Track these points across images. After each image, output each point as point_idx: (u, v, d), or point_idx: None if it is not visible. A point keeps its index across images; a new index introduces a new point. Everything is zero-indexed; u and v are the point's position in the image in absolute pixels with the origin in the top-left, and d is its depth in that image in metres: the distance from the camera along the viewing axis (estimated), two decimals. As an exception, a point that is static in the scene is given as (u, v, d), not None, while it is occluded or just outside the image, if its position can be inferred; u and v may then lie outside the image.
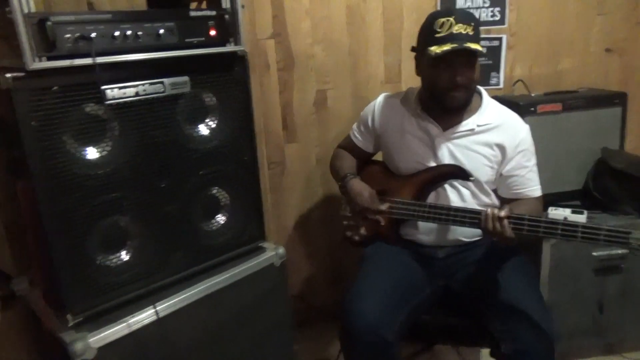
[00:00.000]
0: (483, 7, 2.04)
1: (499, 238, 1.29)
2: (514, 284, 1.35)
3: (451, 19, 1.34)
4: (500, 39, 2.08)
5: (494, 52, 2.10)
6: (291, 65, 1.96)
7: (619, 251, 1.78)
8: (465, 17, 1.36)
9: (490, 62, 2.11)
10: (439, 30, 1.35)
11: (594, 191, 1.89)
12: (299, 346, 2.04)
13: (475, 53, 1.34)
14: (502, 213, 1.27)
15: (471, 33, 1.34)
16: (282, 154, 2.06)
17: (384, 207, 1.52)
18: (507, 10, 2.05)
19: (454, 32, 1.33)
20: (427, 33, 1.39)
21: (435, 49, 1.33)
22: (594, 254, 1.80)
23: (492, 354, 1.33)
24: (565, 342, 1.88)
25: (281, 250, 1.58)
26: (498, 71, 2.12)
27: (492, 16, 2.05)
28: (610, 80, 2.19)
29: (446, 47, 1.31)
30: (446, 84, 1.38)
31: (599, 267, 1.81)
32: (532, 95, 2.00)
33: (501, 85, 2.13)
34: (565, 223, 1.22)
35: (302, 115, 2.03)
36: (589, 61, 2.16)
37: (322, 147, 2.06)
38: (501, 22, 2.07)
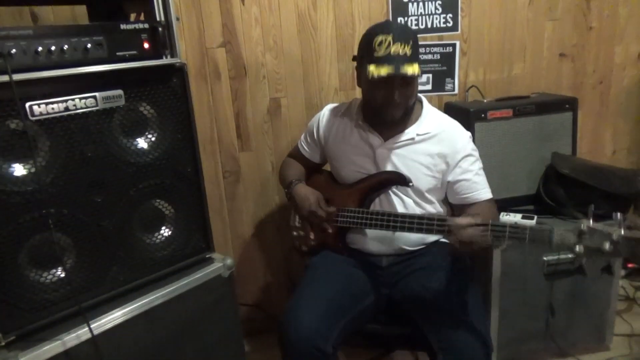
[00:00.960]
0: (435, 13, 2.05)
1: (470, 246, 1.24)
2: (453, 294, 1.36)
3: (389, 37, 1.33)
4: (453, 45, 2.10)
5: (448, 59, 2.11)
6: (242, 73, 1.96)
7: (569, 255, 1.81)
8: (403, 35, 1.34)
9: (444, 68, 2.12)
10: (377, 48, 1.35)
11: (544, 196, 1.91)
12: (254, 355, 2.04)
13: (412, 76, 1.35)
14: (464, 221, 1.24)
15: (409, 53, 1.34)
16: (237, 163, 2.05)
17: (331, 209, 1.52)
18: (459, 17, 2.06)
19: (392, 52, 1.33)
20: (366, 49, 1.39)
21: (373, 71, 1.33)
22: (544, 258, 1.82)
23: (430, 364, 1.34)
24: (517, 347, 1.90)
25: (229, 261, 1.57)
26: (453, 77, 2.14)
27: (444, 22, 2.07)
28: (563, 85, 2.22)
29: (383, 72, 1.32)
30: (383, 101, 1.40)
31: (548, 272, 1.83)
32: (485, 101, 2.02)
33: (456, 91, 2.14)
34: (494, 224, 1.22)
35: (255, 123, 2.03)
36: (542, 66, 2.18)
37: (276, 155, 2.06)
38: (454, 28, 2.08)
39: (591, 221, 1.08)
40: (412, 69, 1.33)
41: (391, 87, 1.37)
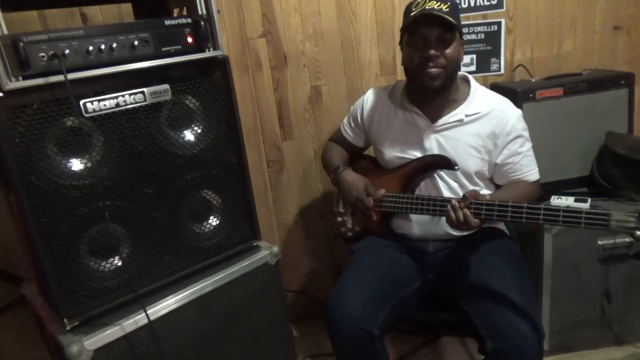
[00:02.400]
0: (479, -9, 1.98)
1: (465, 229, 1.29)
2: (501, 280, 1.33)
3: None
4: (498, 24, 2.02)
5: (493, 38, 2.04)
6: (283, 63, 1.96)
7: (626, 239, 1.73)
8: None
9: (489, 48, 2.05)
10: (413, 9, 1.35)
11: (598, 178, 1.83)
12: (302, 341, 2.08)
13: (448, 27, 1.32)
14: (463, 202, 1.26)
15: (445, 9, 1.32)
16: (280, 152, 2.07)
17: (380, 193, 1.50)
18: (504, -7, 1.98)
19: (427, 7, 1.32)
20: (404, 17, 1.39)
21: (406, 24, 1.34)
22: (599, 242, 1.75)
23: (479, 350, 1.32)
24: (570, 334, 1.84)
25: (275, 248, 1.60)
26: (498, 57, 2.06)
27: (488, 0, 1.99)
28: (618, 60, 2.10)
29: (413, 16, 1.32)
30: (419, 59, 1.36)
31: (604, 257, 1.76)
32: (533, 80, 1.94)
33: (502, 72, 2.07)
34: (530, 207, 1.20)
35: (297, 112, 2.04)
36: (594, 41, 2.07)
37: (318, 143, 2.06)
38: (499, 5, 2.01)
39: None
40: (446, 16, 1.30)
41: (427, 43, 1.34)
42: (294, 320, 2.13)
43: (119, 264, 1.32)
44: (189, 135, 1.40)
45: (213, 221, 1.50)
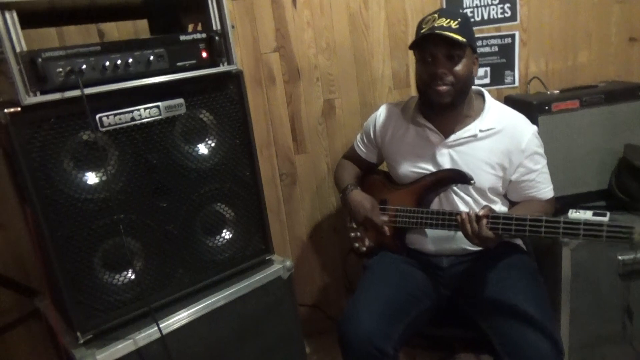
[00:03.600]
0: (492, 4, 1.98)
1: (479, 241, 1.27)
2: (518, 296, 1.30)
3: (435, 15, 1.35)
4: (512, 36, 2.01)
5: (507, 50, 2.03)
6: (296, 77, 1.98)
7: (647, 254, 1.69)
8: (451, 13, 1.35)
9: (503, 60, 2.04)
10: (424, 26, 1.36)
11: (617, 191, 1.79)
12: (314, 356, 2.05)
13: (455, 45, 1.31)
14: (481, 212, 1.24)
15: (454, 26, 1.31)
16: (293, 165, 2.07)
17: (385, 217, 1.51)
18: (517, 6, 1.98)
19: (436, 25, 1.32)
20: (416, 34, 1.39)
21: (414, 41, 1.34)
22: (620, 257, 1.71)
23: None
24: (589, 351, 1.79)
25: (288, 262, 1.59)
26: (512, 69, 2.05)
27: (502, 13, 1.99)
28: (634, 71, 2.07)
29: (421, 36, 1.32)
30: (428, 77, 1.36)
31: (625, 272, 1.72)
32: (549, 92, 1.92)
33: (516, 84, 2.05)
34: (549, 220, 1.18)
35: (310, 125, 2.04)
36: (610, 53, 2.05)
37: (331, 157, 2.06)
38: (512, 18, 2.00)
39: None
40: (453, 35, 1.29)
41: (435, 61, 1.34)
42: (307, 335, 2.10)
43: (132, 277, 1.32)
44: (202, 149, 1.41)
45: (226, 235, 1.50)
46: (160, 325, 1.31)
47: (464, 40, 1.31)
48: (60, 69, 1.11)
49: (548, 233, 1.18)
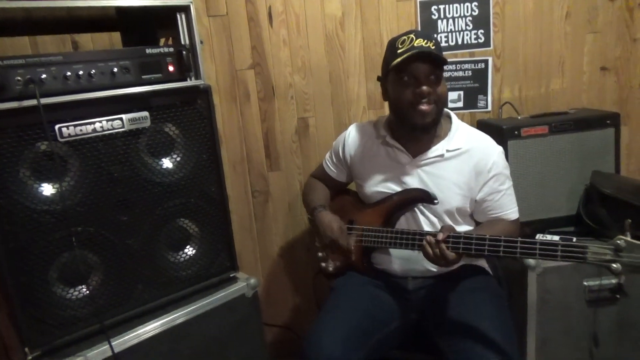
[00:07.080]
0: (466, 30, 2.01)
1: (443, 262, 1.26)
2: (479, 320, 1.29)
3: (411, 35, 1.35)
4: (485, 62, 2.05)
5: (480, 75, 2.06)
6: (271, 94, 1.98)
7: (612, 280, 1.69)
8: (425, 35, 1.36)
9: (476, 85, 2.07)
10: (400, 46, 1.35)
11: (585, 217, 1.80)
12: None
13: (438, 62, 1.33)
14: (440, 236, 1.24)
15: (432, 47, 1.33)
16: (266, 182, 2.06)
17: (352, 239, 1.50)
18: (491, 32, 2.01)
19: (415, 45, 1.32)
20: (389, 54, 1.39)
21: (397, 62, 1.33)
22: (585, 283, 1.71)
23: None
24: (557, 378, 1.78)
25: (253, 280, 1.57)
26: (485, 94, 2.08)
27: (475, 38, 2.02)
28: (606, 100, 2.11)
29: (407, 54, 1.31)
30: (411, 97, 1.35)
31: (591, 298, 1.72)
32: (519, 118, 1.95)
33: (489, 109, 2.08)
34: (507, 240, 1.19)
35: (284, 143, 2.04)
36: (582, 81, 2.09)
37: (305, 175, 2.06)
38: (486, 44, 2.03)
39: (629, 236, 1.01)
40: (438, 54, 1.32)
41: (418, 79, 1.34)
42: (279, 356, 2.07)
43: (87, 292, 1.29)
44: (168, 163, 1.40)
45: (190, 251, 1.48)
46: (116, 342, 1.28)
47: (446, 60, 1.34)
48: (19, 77, 1.10)
49: (506, 252, 1.19)
